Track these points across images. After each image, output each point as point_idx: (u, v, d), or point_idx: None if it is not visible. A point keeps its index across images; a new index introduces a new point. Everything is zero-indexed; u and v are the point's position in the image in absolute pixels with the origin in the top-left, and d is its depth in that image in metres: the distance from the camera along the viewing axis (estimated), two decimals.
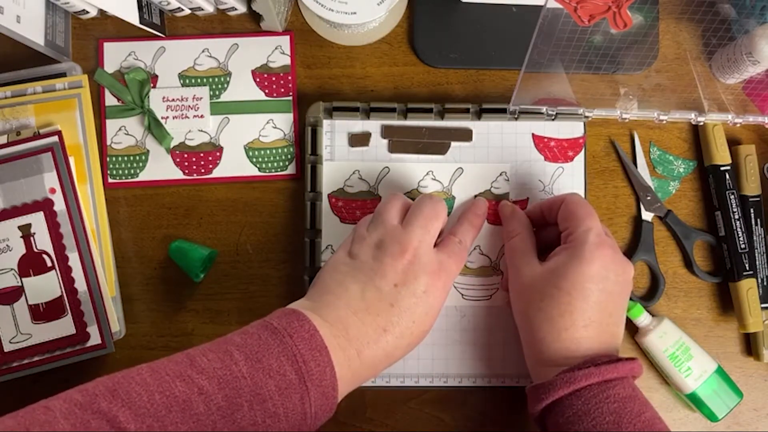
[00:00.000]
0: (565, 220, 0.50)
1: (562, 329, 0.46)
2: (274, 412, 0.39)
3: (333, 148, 0.57)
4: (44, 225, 0.54)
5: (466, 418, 0.56)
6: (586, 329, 0.46)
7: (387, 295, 0.45)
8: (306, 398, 0.40)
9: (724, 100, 0.57)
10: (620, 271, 0.47)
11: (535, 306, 0.48)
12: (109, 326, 0.55)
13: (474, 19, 0.59)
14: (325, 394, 0.41)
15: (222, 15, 0.60)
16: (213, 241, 0.57)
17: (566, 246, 0.48)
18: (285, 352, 0.41)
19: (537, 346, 0.48)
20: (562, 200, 0.51)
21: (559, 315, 0.46)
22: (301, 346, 0.41)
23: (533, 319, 0.48)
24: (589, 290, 0.46)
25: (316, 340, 0.42)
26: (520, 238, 0.52)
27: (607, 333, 0.47)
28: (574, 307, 0.46)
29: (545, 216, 0.53)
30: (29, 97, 0.57)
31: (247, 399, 0.39)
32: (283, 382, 0.40)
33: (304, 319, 0.42)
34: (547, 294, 0.47)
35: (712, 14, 0.51)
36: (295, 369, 0.40)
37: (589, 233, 0.47)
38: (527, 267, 0.50)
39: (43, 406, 0.36)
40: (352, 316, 0.44)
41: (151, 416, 0.36)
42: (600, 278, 0.46)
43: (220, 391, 0.38)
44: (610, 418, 0.43)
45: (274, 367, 0.40)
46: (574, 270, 0.46)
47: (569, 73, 0.56)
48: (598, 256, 0.46)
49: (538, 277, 0.48)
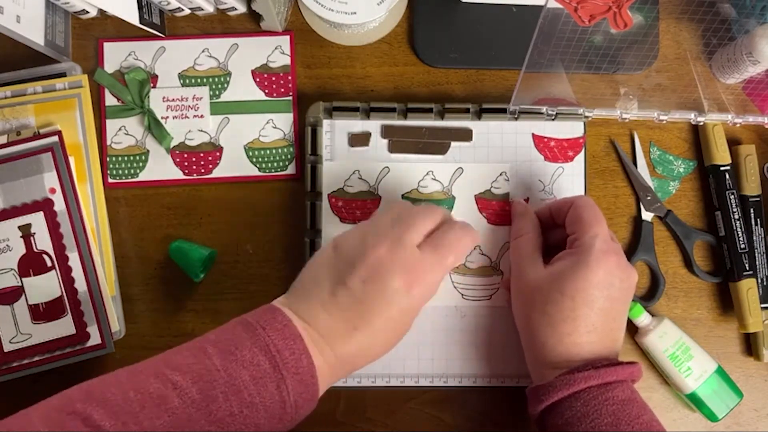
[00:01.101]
0: (573, 224, 0.49)
1: (565, 334, 0.46)
2: (251, 401, 0.39)
3: (333, 148, 0.57)
4: (44, 225, 0.54)
5: (466, 418, 0.56)
6: (589, 335, 0.46)
7: (355, 291, 0.43)
8: (283, 386, 0.40)
9: (724, 100, 0.57)
10: (624, 277, 0.47)
11: (538, 309, 0.48)
12: (109, 326, 0.55)
13: (474, 19, 0.59)
14: (303, 382, 0.41)
15: (222, 15, 0.60)
16: (213, 241, 0.57)
17: (572, 251, 0.48)
18: (257, 343, 0.41)
19: (538, 348, 0.48)
20: (571, 203, 0.50)
21: (562, 320, 0.46)
22: (274, 336, 0.41)
23: (535, 322, 0.48)
24: (593, 297, 0.46)
25: (289, 329, 0.42)
26: (527, 238, 0.52)
27: (609, 338, 0.47)
28: (577, 314, 0.46)
29: (554, 217, 0.53)
30: (29, 97, 0.57)
31: (222, 391, 0.39)
32: (258, 372, 0.40)
33: (277, 311, 0.43)
34: (550, 298, 0.47)
35: (712, 14, 0.51)
36: (269, 358, 0.40)
37: (596, 239, 0.47)
38: (531, 269, 0.50)
39: (21, 413, 0.38)
40: (323, 311, 0.43)
41: (126, 413, 0.37)
42: (605, 285, 0.46)
43: (194, 384, 0.39)
44: (608, 420, 0.43)
45: (247, 358, 0.40)
46: (579, 276, 0.46)
47: (569, 73, 0.56)
48: (604, 264, 0.46)
49: (542, 281, 0.48)
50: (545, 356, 0.47)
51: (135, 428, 0.37)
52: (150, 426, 0.37)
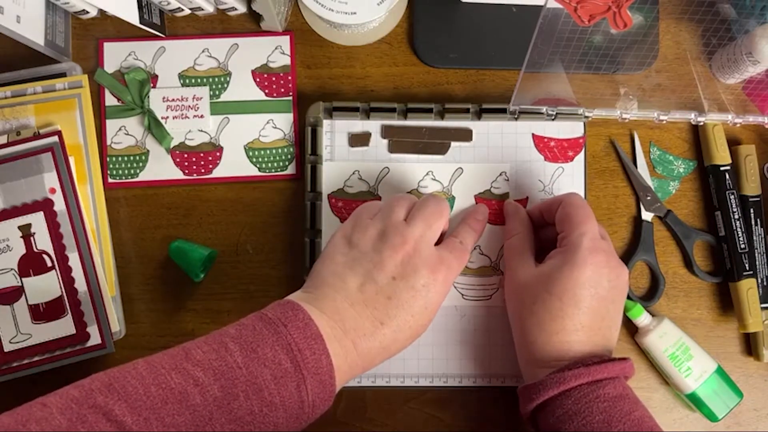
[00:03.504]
0: (562, 222, 0.50)
1: (553, 333, 0.46)
2: (271, 401, 0.39)
3: (333, 148, 0.57)
4: (44, 225, 0.54)
5: (466, 418, 0.56)
6: (576, 333, 0.46)
7: (385, 287, 0.45)
8: (302, 386, 0.40)
9: (724, 100, 0.57)
10: (614, 276, 0.47)
11: (528, 308, 0.48)
12: (109, 326, 0.55)
13: (474, 19, 0.59)
14: (322, 382, 0.41)
15: (222, 15, 0.60)
16: (213, 241, 0.57)
17: (561, 250, 0.48)
18: (279, 341, 0.41)
19: (528, 347, 0.48)
20: (560, 201, 0.50)
21: (551, 319, 0.46)
22: (296, 335, 0.41)
23: (525, 321, 0.48)
24: (580, 296, 0.46)
25: (310, 328, 0.42)
26: (518, 237, 0.52)
27: (599, 335, 0.47)
28: (565, 313, 0.46)
29: (544, 216, 0.53)
30: (29, 97, 0.57)
31: (243, 389, 0.39)
32: (279, 371, 0.40)
33: (298, 309, 0.43)
34: (539, 297, 0.47)
35: (712, 14, 0.51)
36: (291, 357, 0.40)
37: (584, 237, 0.47)
38: (522, 268, 0.50)
39: (39, 402, 0.36)
40: (349, 308, 0.44)
41: (148, 408, 0.37)
42: (592, 284, 0.46)
43: (216, 381, 0.39)
44: (599, 417, 0.43)
45: (269, 356, 0.40)
46: (566, 275, 0.46)
47: (569, 73, 0.56)
48: (591, 262, 0.46)
49: (531, 279, 0.48)
50: (535, 355, 0.47)
51: (157, 425, 0.36)
52: (172, 423, 0.37)
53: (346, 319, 0.44)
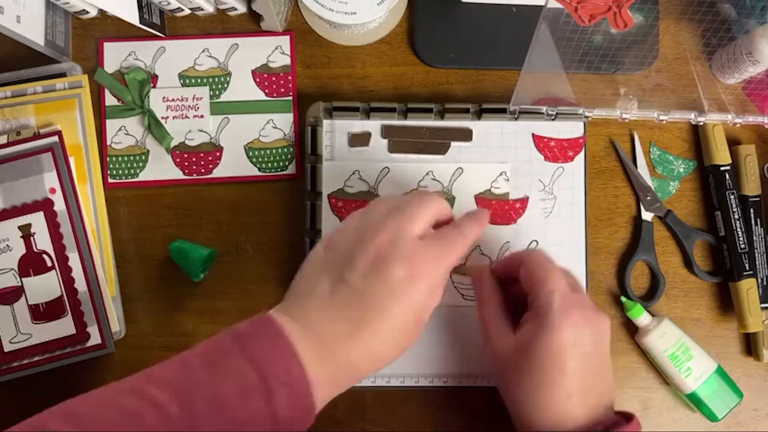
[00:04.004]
0: (527, 282, 0.46)
1: (544, 406, 0.43)
2: (235, 417, 0.37)
3: (333, 148, 0.57)
4: (44, 225, 0.54)
5: (466, 418, 0.56)
6: (570, 400, 0.43)
7: (357, 286, 0.40)
8: (271, 399, 0.37)
9: (724, 100, 0.57)
10: (595, 329, 0.44)
11: (513, 381, 0.45)
12: (109, 326, 0.55)
13: (474, 19, 0.59)
14: (295, 393, 0.38)
15: (222, 15, 0.60)
16: (213, 241, 0.57)
17: (533, 313, 0.45)
18: (244, 353, 0.38)
19: (523, 418, 0.45)
20: (521, 260, 0.47)
21: (538, 390, 0.43)
22: (263, 345, 0.39)
23: (513, 392, 0.46)
24: (564, 360, 0.43)
25: (279, 338, 0.39)
26: (488, 305, 0.49)
27: (595, 395, 0.44)
28: (552, 381, 0.43)
29: (510, 273, 0.49)
30: (29, 97, 0.57)
31: (203, 406, 0.37)
32: (244, 384, 0.37)
33: (269, 320, 0.40)
34: (521, 368, 0.44)
35: (712, 14, 0.51)
36: (256, 368, 0.38)
37: (553, 296, 0.44)
38: (499, 338, 0.47)
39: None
40: (321, 312, 0.41)
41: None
42: (574, 344, 0.43)
43: (174, 400, 0.37)
44: None
45: (232, 369, 0.38)
46: (544, 342, 0.43)
47: (569, 73, 0.56)
48: (568, 324, 0.43)
49: (511, 350, 0.45)
50: (532, 426, 0.44)
51: None
52: None
53: (318, 324, 0.40)
